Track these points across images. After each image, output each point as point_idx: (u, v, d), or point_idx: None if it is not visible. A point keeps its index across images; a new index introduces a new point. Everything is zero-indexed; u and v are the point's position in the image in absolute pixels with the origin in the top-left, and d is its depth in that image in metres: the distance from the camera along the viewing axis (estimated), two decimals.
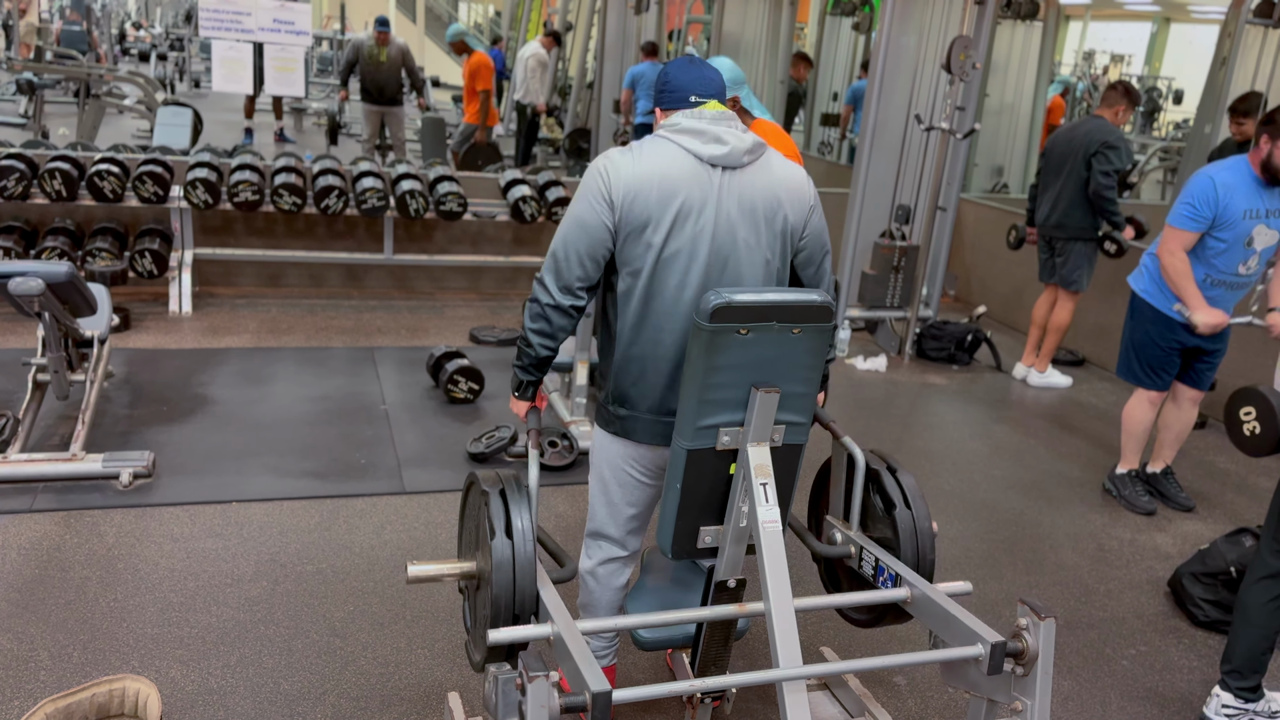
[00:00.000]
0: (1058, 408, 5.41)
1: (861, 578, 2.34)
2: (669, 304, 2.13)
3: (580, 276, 2.14)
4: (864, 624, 2.45)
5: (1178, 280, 3.79)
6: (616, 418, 2.25)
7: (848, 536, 2.38)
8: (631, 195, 2.08)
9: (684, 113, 2.15)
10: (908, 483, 2.33)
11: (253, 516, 3.50)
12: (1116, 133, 5.09)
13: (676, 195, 2.09)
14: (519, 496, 2.04)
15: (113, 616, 2.87)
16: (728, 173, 2.13)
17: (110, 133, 10.30)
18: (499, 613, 1.95)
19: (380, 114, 9.14)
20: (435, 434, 4.32)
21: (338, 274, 6.40)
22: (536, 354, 2.24)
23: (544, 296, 2.17)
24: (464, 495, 2.24)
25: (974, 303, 7.13)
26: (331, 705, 2.59)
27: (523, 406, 2.36)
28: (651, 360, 2.17)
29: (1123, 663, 3.11)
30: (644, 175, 2.09)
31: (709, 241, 2.11)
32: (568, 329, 2.22)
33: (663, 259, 2.11)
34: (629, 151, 2.15)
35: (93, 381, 3.96)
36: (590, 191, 2.12)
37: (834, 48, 10.58)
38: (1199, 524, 4.13)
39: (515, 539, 1.97)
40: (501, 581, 1.95)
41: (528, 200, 6.18)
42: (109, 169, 5.53)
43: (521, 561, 1.96)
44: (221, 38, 6.55)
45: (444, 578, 2.11)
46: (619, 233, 2.11)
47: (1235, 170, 3.70)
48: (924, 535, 2.27)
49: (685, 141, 2.12)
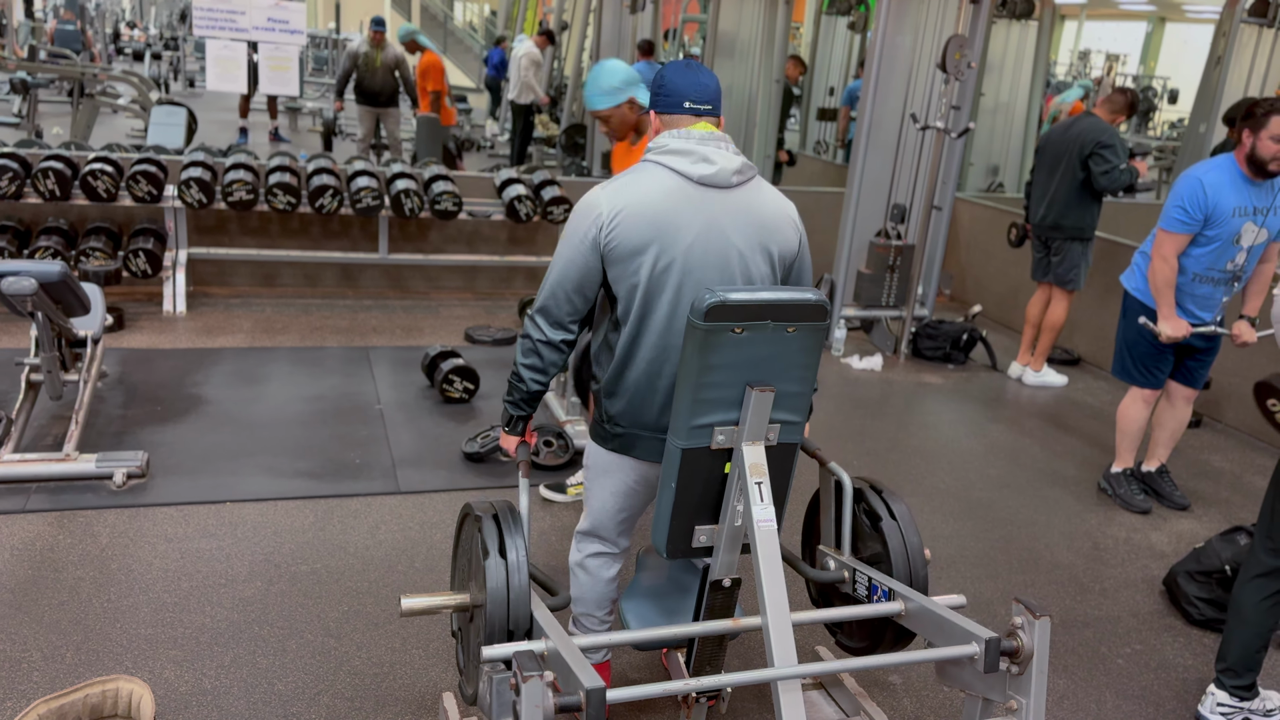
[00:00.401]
0: (1053, 407, 5.41)
1: (856, 601, 2.34)
2: (664, 321, 2.15)
3: (570, 312, 2.21)
4: (860, 651, 2.44)
5: (1160, 287, 3.81)
6: (614, 435, 2.28)
7: (840, 562, 2.39)
8: (618, 226, 2.11)
9: (672, 133, 2.18)
10: (898, 508, 2.35)
11: (247, 516, 3.49)
12: (1110, 131, 5.09)
13: (664, 217, 2.11)
14: (513, 524, 2.07)
15: (106, 617, 2.86)
16: (717, 192, 2.14)
17: (104, 132, 10.29)
18: (493, 633, 1.96)
19: (376, 114, 9.16)
20: (430, 434, 4.31)
21: (332, 274, 6.38)
22: (528, 389, 2.31)
23: (535, 333, 2.24)
24: (458, 527, 2.27)
25: (969, 302, 7.14)
26: (326, 706, 2.58)
27: (513, 442, 2.41)
28: (648, 378, 2.19)
29: (1118, 661, 3.11)
30: (628, 204, 2.11)
31: (700, 257, 2.13)
32: (559, 364, 2.28)
33: (655, 276, 2.13)
34: (610, 185, 2.18)
35: (86, 381, 3.95)
36: (576, 232, 2.16)
37: (829, 47, 10.59)
38: (1194, 522, 4.14)
39: (509, 561, 1.99)
40: (496, 603, 1.96)
41: (523, 200, 6.18)
42: (103, 168, 5.51)
43: (515, 583, 1.99)
44: (216, 37, 6.52)
45: (438, 610, 2.13)
46: (607, 262, 2.15)
47: (1222, 169, 3.71)
48: (915, 554, 2.28)
49: (673, 162, 2.14)
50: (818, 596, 2.61)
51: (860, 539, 2.41)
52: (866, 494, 2.38)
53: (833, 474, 2.39)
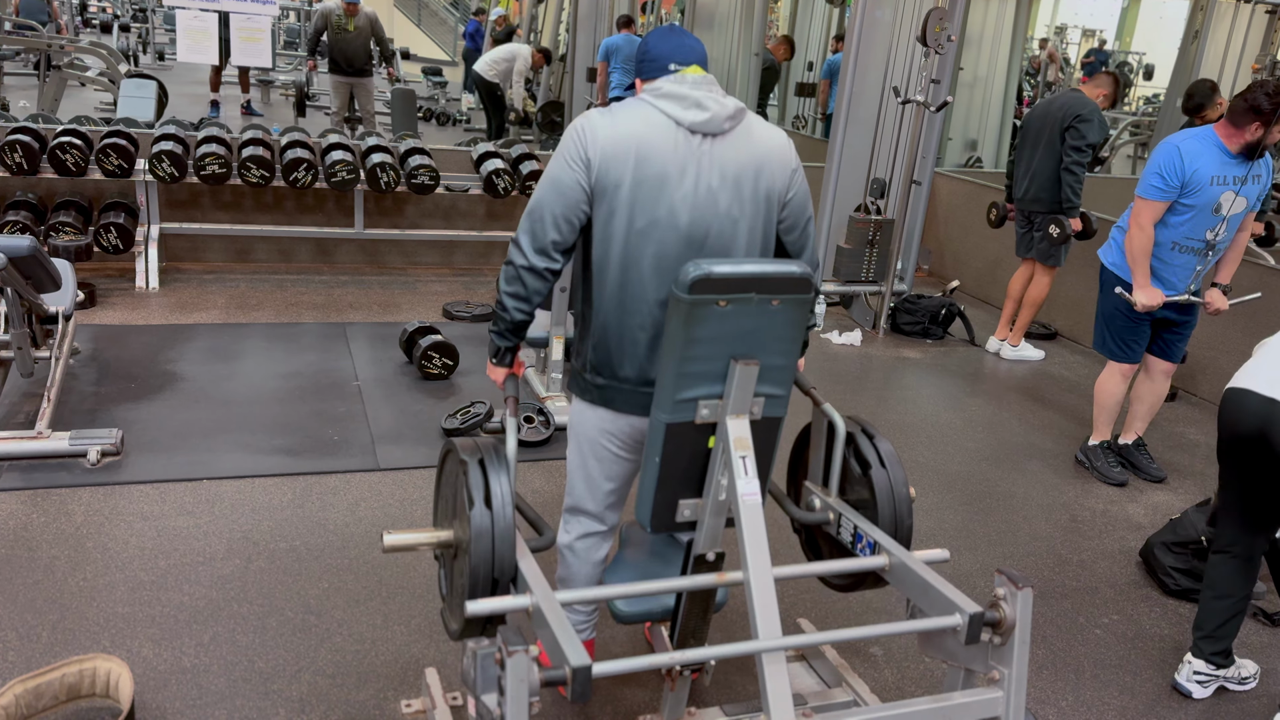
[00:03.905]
0: (1030, 381, 5.45)
1: (840, 545, 2.34)
2: (648, 273, 2.11)
3: (555, 240, 2.12)
4: (842, 588, 2.45)
5: (1137, 256, 3.83)
6: (595, 386, 2.24)
7: (826, 503, 2.38)
8: (608, 156, 2.06)
9: (666, 78, 2.13)
10: (885, 448, 2.33)
11: (224, 494, 3.45)
12: (1091, 105, 5.10)
13: (653, 160, 2.07)
14: (498, 464, 2.01)
15: (82, 596, 2.83)
16: (708, 139, 2.10)
17: (72, 105, 10.08)
18: (477, 583, 1.92)
19: (349, 86, 9.00)
20: (409, 410, 4.28)
21: (307, 249, 6.31)
22: (512, 318, 2.22)
23: (518, 258, 2.15)
24: (440, 464, 2.21)
25: (948, 277, 7.17)
26: (307, 682, 2.57)
27: (500, 373, 2.34)
28: (630, 330, 2.15)
29: (1096, 631, 3.14)
30: (621, 136, 2.07)
31: (688, 211, 2.09)
32: (542, 292, 2.19)
33: (640, 226, 2.09)
34: (608, 113, 2.12)
35: (58, 358, 3.89)
36: (566, 151, 2.10)
37: (809, 21, 10.54)
38: (1170, 494, 4.18)
39: (494, 507, 1.94)
40: (480, 551, 1.92)
41: (501, 174, 6.12)
42: (72, 141, 5.41)
43: (501, 530, 1.93)
44: (186, 7, 6.41)
45: (420, 547, 2.08)
46: (594, 193, 2.09)
47: (1201, 139, 3.71)
48: (901, 500, 2.27)
49: (666, 106, 2.09)
50: (800, 530, 2.59)
51: (848, 481, 2.39)
52: (857, 438, 2.36)
53: (826, 415, 2.37)
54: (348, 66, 8.83)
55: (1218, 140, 3.69)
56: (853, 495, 2.37)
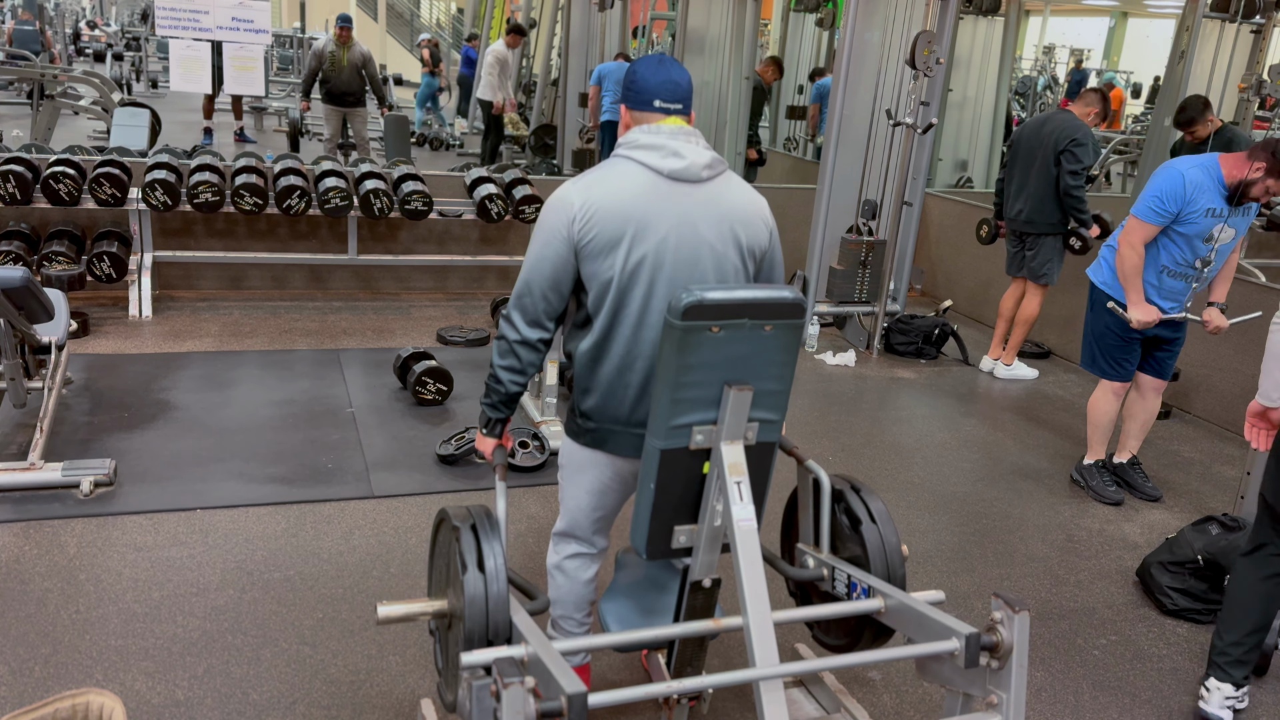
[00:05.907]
0: (1024, 400, 5.46)
1: (835, 599, 2.33)
2: (636, 316, 2.14)
3: (546, 310, 2.18)
4: (840, 649, 2.43)
5: (1128, 273, 3.85)
6: (587, 430, 2.26)
7: (819, 560, 2.38)
8: (589, 221, 2.09)
9: (642, 129, 2.17)
10: (875, 505, 2.34)
11: (218, 524, 3.44)
12: (1084, 128, 5.14)
13: (635, 211, 2.10)
14: (489, 530, 2.03)
15: (75, 629, 2.81)
16: (687, 186, 2.14)
17: (65, 134, 10.11)
18: (472, 645, 1.93)
19: (343, 114, 9.06)
20: (404, 436, 4.27)
21: (301, 275, 6.31)
22: (506, 390, 2.27)
23: (511, 334, 2.21)
24: (434, 533, 2.24)
25: (940, 297, 7.19)
26: (302, 714, 2.55)
27: (489, 444, 2.38)
28: (619, 373, 2.18)
29: (1094, 653, 3.13)
30: (600, 199, 2.10)
31: (673, 251, 2.13)
32: (536, 364, 2.26)
33: (627, 271, 2.12)
34: (581, 179, 2.17)
35: (51, 389, 3.87)
36: (548, 228, 2.14)
37: (798, 44, 10.62)
38: (1166, 513, 4.18)
39: (487, 571, 1.96)
40: (475, 615, 1.93)
41: (494, 199, 6.14)
42: (65, 171, 5.41)
43: (494, 592, 1.95)
44: (179, 36, 6.43)
45: (415, 617, 2.09)
46: (581, 257, 2.13)
47: (1205, 170, 3.70)
48: (892, 550, 2.27)
49: (643, 157, 2.13)
50: (796, 592, 2.59)
51: (839, 538, 2.40)
52: (846, 495, 2.37)
53: (811, 472, 2.38)
54: (342, 99, 8.90)
55: (1219, 172, 3.69)
56: (846, 553, 2.37)
